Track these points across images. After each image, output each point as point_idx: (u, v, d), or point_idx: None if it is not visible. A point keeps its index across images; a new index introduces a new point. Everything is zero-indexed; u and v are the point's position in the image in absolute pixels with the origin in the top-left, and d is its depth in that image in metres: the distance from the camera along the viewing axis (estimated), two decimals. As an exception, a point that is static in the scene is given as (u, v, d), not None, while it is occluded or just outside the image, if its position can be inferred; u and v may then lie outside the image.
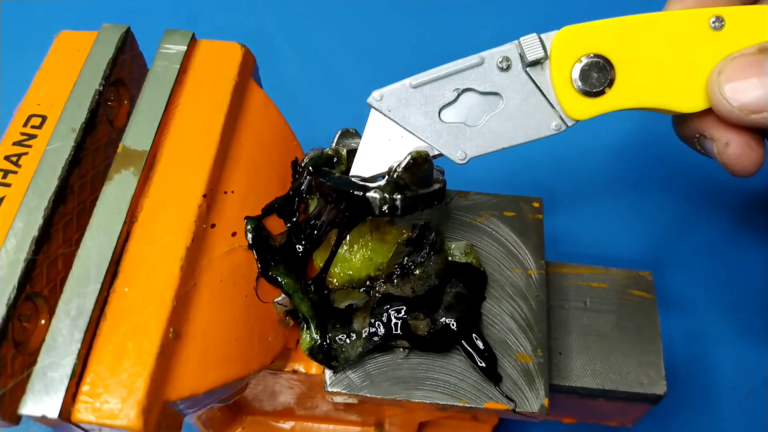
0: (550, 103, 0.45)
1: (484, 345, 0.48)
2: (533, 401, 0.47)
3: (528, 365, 0.48)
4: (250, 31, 0.90)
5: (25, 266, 0.38)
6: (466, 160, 0.45)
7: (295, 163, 0.52)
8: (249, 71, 0.51)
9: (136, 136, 0.45)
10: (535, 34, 0.44)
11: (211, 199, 0.44)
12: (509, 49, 0.45)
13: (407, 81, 0.45)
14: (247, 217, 0.46)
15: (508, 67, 0.45)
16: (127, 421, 0.36)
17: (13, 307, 0.37)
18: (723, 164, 0.47)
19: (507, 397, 0.47)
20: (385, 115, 0.45)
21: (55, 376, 0.37)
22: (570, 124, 0.45)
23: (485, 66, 0.45)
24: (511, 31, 0.46)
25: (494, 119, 0.45)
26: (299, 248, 0.48)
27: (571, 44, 0.44)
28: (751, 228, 0.76)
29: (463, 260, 0.50)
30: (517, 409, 0.47)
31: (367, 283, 0.48)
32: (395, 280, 0.48)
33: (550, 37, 0.45)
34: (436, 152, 0.45)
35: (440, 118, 0.45)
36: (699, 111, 0.46)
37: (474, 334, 0.48)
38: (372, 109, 0.45)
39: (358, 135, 0.51)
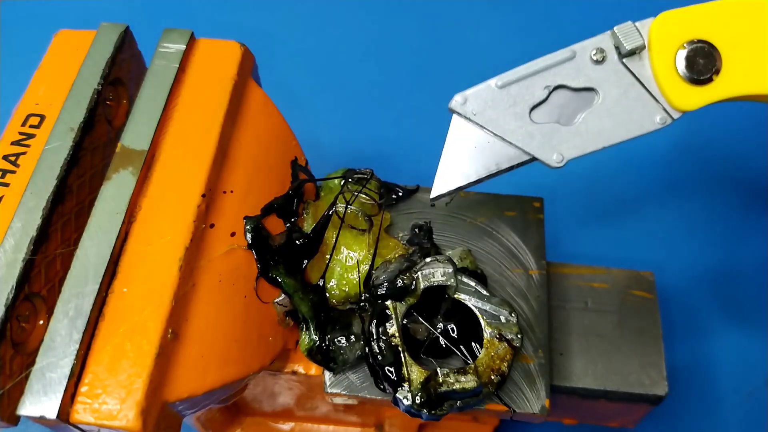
0: (652, 94, 0.41)
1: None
2: (534, 402, 0.47)
3: (529, 366, 0.48)
4: (250, 30, 0.90)
5: (23, 266, 0.38)
6: (564, 162, 0.42)
7: (294, 163, 0.52)
8: (248, 70, 0.51)
9: (135, 135, 0.45)
10: (630, 22, 0.41)
11: (210, 199, 0.44)
12: (603, 39, 0.42)
13: (492, 81, 0.42)
14: (246, 217, 0.46)
15: (603, 59, 0.41)
16: (126, 422, 0.36)
17: (11, 308, 0.37)
18: None
19: (507, 397, 0.47)
20: (470, 120, 0.42)
21: (54, 377, 0.37)
22: (676, 116, 0.42)
23: (577, 60, 0.42)
24: (512, 30, 0.46)
25: (591, 116, 0.42)
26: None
27: (671, 30, 0.41)
28: (753, 229, 0.76)
29: (460, 265, 0.50)
30: (517, 410, 0.46)
31: (365, 296, 0.48)
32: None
33: (647, 25, 0.41)
34: (528, 157, 0.42)
35: (531, 119, 0.42)
36: None
37: (473, 342, 0.48)
38: (454, 115, 0.42)
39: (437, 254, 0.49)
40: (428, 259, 0.48)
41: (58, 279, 0.40)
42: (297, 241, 0.48)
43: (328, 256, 0.49)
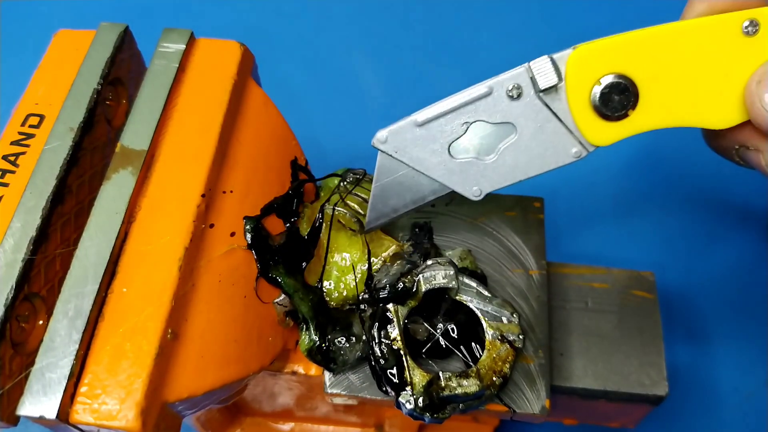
0: (568, 129, 0.41)
1: (482, 353, 0.47)
2: (534, 402, 0.47)
3: (529, 366, 0.48)
4: (249, 30, 0.90)
5: (22, 266, 0.38)
6: (482, 196, 0.43)
7: (294, 163, 0.52)
8: (248, 70, 0.51)
9: (135, 135, 0.45)
10: (546, 57, 0.41)
11: (209, 199, 0.44)
12: (519, 74, 0.41)
13: (412, 118, 0.43)
14: (246, 217, 0.46)
15: (519, 95, 0.41)
16: (126, 423, 0.36)
17: (10, 308, 0.37)
18: None
19: (508, 398, 0.46)
20: (392, 157, 0.43)
21: (53, 377, 0.37)
22: (591, 149, 0.42)
23: (494, 96, 0.42)
24: (512, 30, 0.45)
25: (508, 151, 0.42)
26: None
27: (587, 65, 0.40)
28: (752, 229, 0.76)
29: (460, 266, 0.50)
30: (518, 411, 0.46)
31: (364, 296, 0.48)
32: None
33: (564, 59, 0.41)
34: (449, 190, 0.44)
35: (451, 155, 0.43)
36: (735, 125, 0.42)
37: (473, 342, 0.48)
38: (379, 151, 0.44)
39: (450, 265, 0.49)
40: (429, 262, 0.48)
41: (57, 279, 0.40)
42: (291, 245, 0.48)
43: (324, 259, 0.49)
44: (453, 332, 0.47)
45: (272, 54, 0.88)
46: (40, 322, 0.39)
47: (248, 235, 0.46)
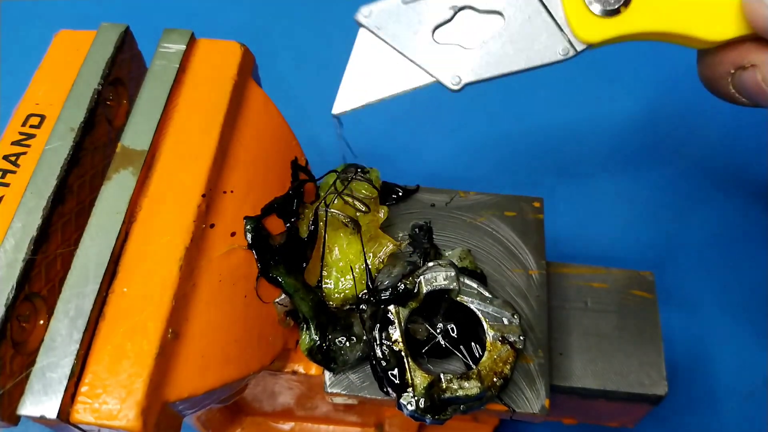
0: (557, 23, 0.40)
1: (482, 352, 0.48)
2: (534, 402, 0.47)
3: (528, 366, 0.48)
4: (250, 30, 0.90)
5: (23, 266, 0.38)
6: (461, 85, 0.41)
7: (295, 163, 0.52)
8: (248, 70, 0.51)
9: (135, 135, 0.45)
10: None
11: (210, 199, 0.44)
12: None
13: None
14: (246, 217, 0.46)
15: None
16: (126, 422, 0.36)
17: (11, 308, 0.37)
18: None
19: (507, 397, 0.47)
20: (374, 34, 0.42)
21: (54, 377, 0.37)
22: (579, 49, 0.40)
23: None
24: None
25: (494, 41, 0.40)
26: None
27: None
28: (752, 228, 0.76)
29: (459, 266, 0.50)
30: (517, 410, 0.46)
31: (363, 296, 0.48)
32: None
33: None
34: (429, 79, 0.41)
35: (434, 39, 0.41)
36: (731, 38, 0.40)
37: (473, 342, 0.48)
38: (360, 28, 0.42)
39: (445, 267, 0.48)
40: (431, 264, 0.48)
41: (58, 279, 0.40)
42: (291, 245, 0.48)
43: (321, 260, 0.49)
44: (453, 332, 0.48)
45: (273, 54, 0.88)
46: (41, 321, 0.39)
47: (249, 235, 0.46)
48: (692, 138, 0.81)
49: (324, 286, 0.48)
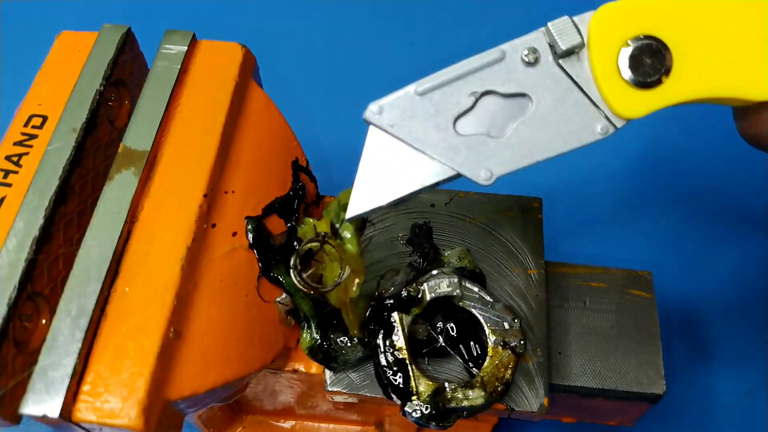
0: (591, 100, 0.36)
1: (480, 351, 0.48)
2: (532, 400, 0.47)
3: (527, 365, 0.48)
4: (251, 32, 0.90)
5: (26, 266, 0.38)
6: (492, 179, 0.37)
7: (295, 164, 0.52)
8: (249, 71, 0.51)
9: (137, 136, 0.45)
10: (566, 17, 0.36)
11: (211, 199, 0.45)
12: (536, 38, 0.36)
13: (411, 88, 0.37)
14: (247, 217, 0.46)
15: (536, 61, 0.36)
16: (128, 421, 0.36)
17: (14, 307, 0.37)
18: None
19: (506, 396, 0.47)
20: (387, 132, 0.37)
21: (56, 376, 0.37)
22: (619, 125, 0.36)
23: (507, 61, 0.36)
24: (512, 31, 0.43)
25: (524, 127, 0.36)
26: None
27: (613, 25, 0.35)
28: (750, 227, 0.76)
29: (459, 265, 0.50)
30: (516, 409, 0.47)
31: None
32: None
33: (586, 21, 0.36)
34: (453, 173, 0.37)
35: (456, 131, 0.37)
36: None
37: (472, 341, 0.48)
38: (370, 126, 0.37)
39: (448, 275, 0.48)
40: (434, 272, 0.48)
41: (60, 278, 0.40)
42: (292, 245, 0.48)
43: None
44: (452, 331, 0.48)
45: (274, 55, 0.88)
46: (43, 321, 0.39)
47: (250, 235, 0.46)
48: (692, 137, 0.82)
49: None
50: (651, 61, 0.35)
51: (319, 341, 0.47)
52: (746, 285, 0.73)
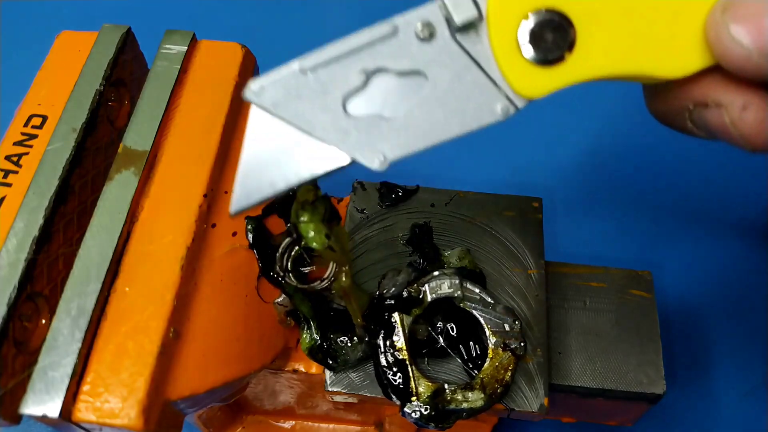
0: (491, 79, 0.33)
1: (480, 352, 0.48)
2: (532, 400, 0.47)
3: (527, 365, 0.48)
4: (251, 32, 0.90)
5: (25, 266, 0.38)
6: (386, 164, 0.33)
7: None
8: (249, 71, 0.51)
9: (137, 136, 0.45)
10: None
11: (211, 199, 0.45)
12: (431, 11, 0.33)
13: (296, 64, 0.33)
14: (247, 217, 0.46)
15: (431, 35, 0.33)
16: (128, 421, 0.36)
17: (13, 307, 0.37)
18: (739, 136, 0.34)
19: (506, 396, 0.47)
20: (270, 113, 0.33)
21: (56, 376, 0.37)
22: (521, 105, 0.34)
23: (400, 36, 0.33)
24: None
25: (419, 107, 0.33)
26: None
27: None
28: (750, 227, 0.76)
29: (459, 265, 0.50)
30: (516, 409, 0.47)
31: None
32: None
33: None
34: (346, 160, 0.33)
35: (346, 111, 0.33)
36: (692, 74, 0.34)
37: (472, 342, 0.48)
38: (252, 106, 0.33)
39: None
40: (436, 273, 0.49)
41: (60, 278, 0.40)
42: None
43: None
44: (452, 331, 0.48)
45: (274, 56, 0.88)
46: (43, 321, 0.39)
47: (250, 235, 0.46)
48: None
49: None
50: (553, 36, 0.33)
51: (319, 341, 0.47)
52: (746, 285, 0.73)
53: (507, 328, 0.47)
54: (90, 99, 0.46)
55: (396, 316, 0.47)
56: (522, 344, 0.47)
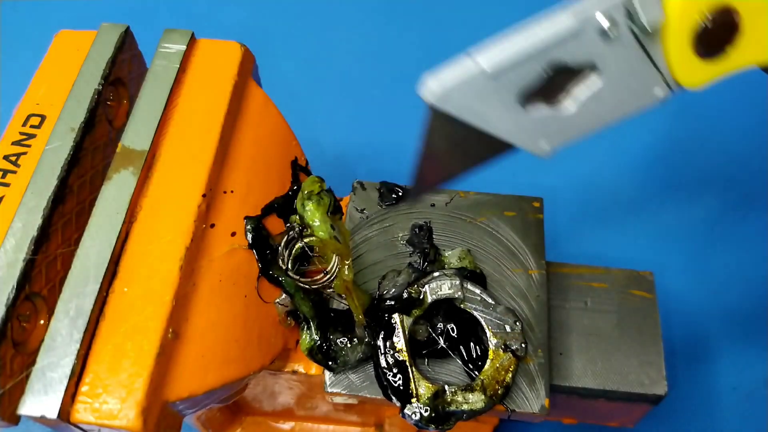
0: (659, 69, 0.35)
1: (481, 353, 0.48)
2: (533, 402, 0.47)
3: (528, 365, 0.48)
4: (250, 31, 0.90)
5: (24, 266, 0.38)
6: (551, 153, 0.36)
7: (295, 163, 0.52)
8: (248, 70, 0.51)
9: (136, 135, 0.45)
10: None
11: (210, 199, 0.44)
12: (614, 5, 0.33)
13: (478, 64, 0.33)
14: (246, 217, 0.46)
15: (613, 32, 0.34)
16: (126, 422, 0.36)
17: (12, 308, 0.37)
18: None
19: (507, 397, 0.47)
20: (456, 118, 0.34)
21: (54, 377, 0.37)
22: (676, 89, 0.35)
23: (583, 33, 0.33)
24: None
25: (591, 100, 0.35)
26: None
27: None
28: (751, 228, 0.76)
29: (459, 265, 0.50)
30: (517, 410, 0.46)
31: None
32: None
33: None
34: (515, 148, 0.36)
35: (525, 108, 0.35)
36: None
37: (472, 343, 0.48)
38: (432, 111, 0.34)
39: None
40: (436, 274, 0.48)
41: (58, 279, 0.40)
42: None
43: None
44: (453, 332, 0.48)
45: (273, 55, 0.88)
46: (42, 321, 0.39)
47: (249, 235, 0.46)
48: (693, 137, 0.82)
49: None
50: (722, 33, 0.34)
51: (319, 342, 0.47)
52: (747, 286, 0.73)
53: (508, 329, 0.47)
54: (88, 98, 0.45)
55: (396, 317, 0.47)
56: (523, 345, 0.47)
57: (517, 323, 0.47)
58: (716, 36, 0.34)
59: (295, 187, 0.51)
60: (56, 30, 0.51)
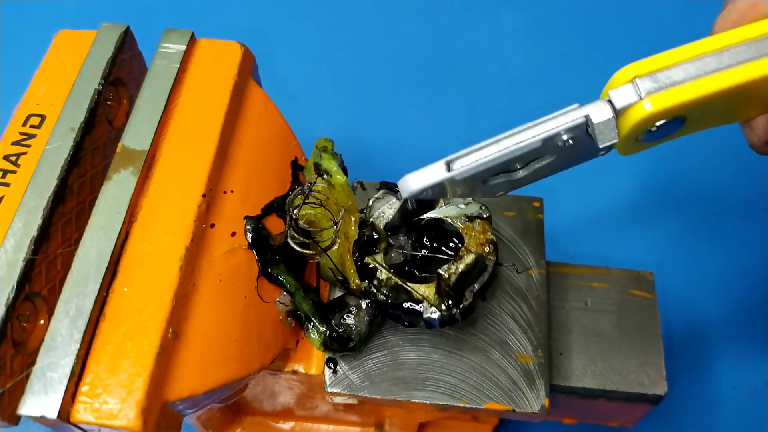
0: (599, 148, 0.39)
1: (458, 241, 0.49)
2: (533, 402, 0.47)
3: (528, 365, 0.48)
4: (250, 31, 0.90)
5: (24, 266, 0.38)
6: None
7: (295, 163, 0.52)
8: (248, 70, 0.51)
9: (136, 135, 0.45)
10: (608, 108, 0.37)
11: (210, 199, 0.44)
12: (576, 125, 0.37)
13: (449, 173, 0.39)
14: (246, 217, 0.46)
15: (571, 141, 0.38)
16: (127, 422, 0.36)
17: (12, 307, 0.37)
18: None
19: (507, 397, 0.47)
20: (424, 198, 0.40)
21: (54, 377, 0.37)
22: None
23: (544, 145, 0.38)
24: (511, 29, 0.43)
25: (543, 166, 0.40)
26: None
27: (648, 120, 0.37)
28: (751, 228, 0.76)
29: (467, 211, 0.51)
30: (517, 410, 0.46)
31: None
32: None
33: (625, 109, 0.37)
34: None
35: (483, 183, 0.41)
36: None
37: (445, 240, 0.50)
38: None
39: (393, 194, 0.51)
40: (371, 201, 0.51)
41: (58, 279, 0.40)
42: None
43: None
44: (425, 240, 0.50)
45: (273, 54, 0.88)
46: (42, 321, 0.39)
47: (249, 235, 0.46)
48: (693, 138, 0.81)
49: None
50: (666, 130, 0.38)
51: (328, 332, 0.47)
52: (747, 286, 0.73)
53: (462, 206, 0.49)
54: (88, 98, 0.45)
55: (368, 260, 0.48)
56: (482, 207, 0.49)
57: (468, 199, 0.49)
58: (663, 133, 0.38)
59: (296, 187, 0.51)
60: (56, 30, 0.51)
